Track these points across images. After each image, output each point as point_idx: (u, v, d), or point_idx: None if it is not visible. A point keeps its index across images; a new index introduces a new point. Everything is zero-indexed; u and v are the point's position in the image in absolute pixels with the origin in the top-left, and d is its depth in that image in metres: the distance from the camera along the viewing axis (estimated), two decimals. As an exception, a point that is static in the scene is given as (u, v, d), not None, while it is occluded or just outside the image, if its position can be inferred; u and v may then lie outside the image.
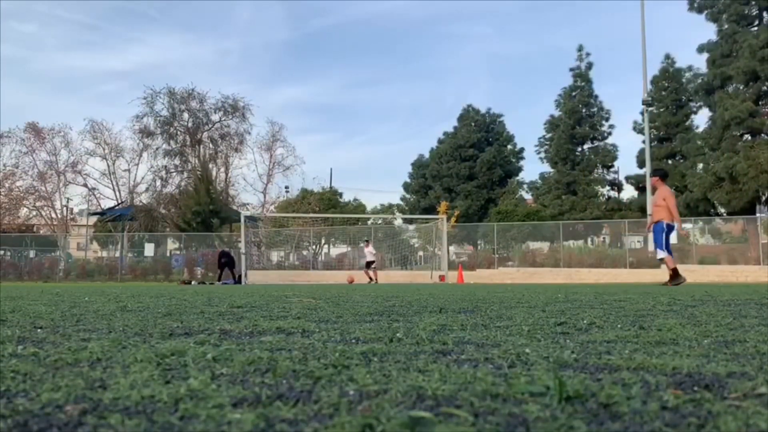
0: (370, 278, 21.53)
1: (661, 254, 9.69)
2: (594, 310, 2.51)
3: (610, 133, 38.28)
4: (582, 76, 38.21)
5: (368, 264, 22.47)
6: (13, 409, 0.65)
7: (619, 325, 1.74)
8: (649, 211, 24.80)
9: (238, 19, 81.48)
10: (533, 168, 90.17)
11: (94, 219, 39.16)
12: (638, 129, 34.03)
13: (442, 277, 20.92)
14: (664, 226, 9.71)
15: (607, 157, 37.63)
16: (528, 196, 42.75)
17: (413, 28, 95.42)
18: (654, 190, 10.13)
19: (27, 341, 1.34)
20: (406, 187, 45.04)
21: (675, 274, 9.43)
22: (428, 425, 0.58)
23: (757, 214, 26.48)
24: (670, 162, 33.95)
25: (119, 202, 36.33)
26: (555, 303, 3.09)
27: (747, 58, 26.97)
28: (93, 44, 77.93)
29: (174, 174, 33.38)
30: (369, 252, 22.96)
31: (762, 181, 25.25)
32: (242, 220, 22.30)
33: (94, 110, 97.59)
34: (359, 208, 43.69)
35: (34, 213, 36.83)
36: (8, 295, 4.51)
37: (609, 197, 37.74)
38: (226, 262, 22.43)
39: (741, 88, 27.99)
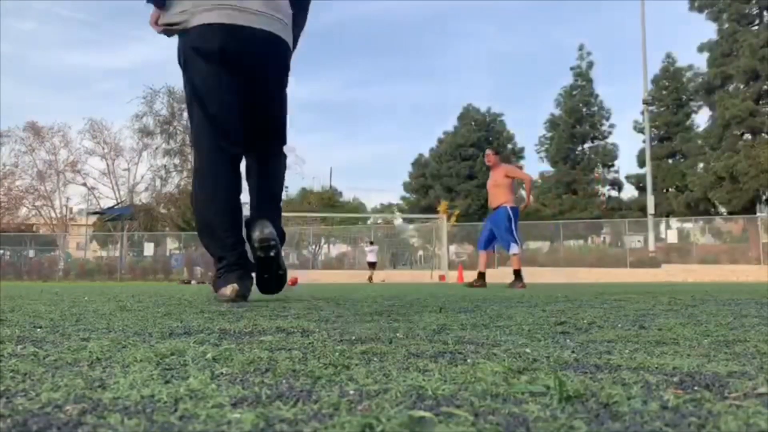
0: (370, 278, 21.64)
1: (515, 249, 8.03)
2: (594, 309, 2.51)
3: (610, 133, 38.37)
4: (582, 75, 38.23)
5: (371, 264, 22.64)
6: (13, 409, 0.65)
7: (619, 325, 1.74)
8: (654, 210, 24.84)
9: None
10: (533, 167, 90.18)
11: (93, 218, 39.20)
12: (639, 128, 34.08)
13: (442, 277, 20.96)
14: (510, 212, 8.00)
15: (608, 157, 37.68)
16: (528, 196, 42.69)
17: (414, 26, 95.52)
18: (492, 167, 8.45)
19: (26, 341, 1.34)
20: (406, 186, 45.07)
21: (519, 275, 7.98)
22: (428, 425, 0.58)
23: (758, 214, 26.48)
24: (670, 161, 33.97)
25: (119, 201, 36.33)
26: (555, 302, 3.09)
27: (747, 57, 26.98)
28: (92, 42, 77.99)
29: (174, 173, 33.40)
30: (371, 252, 23.14)
31: (762, 181, 25.27)
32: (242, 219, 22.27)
33: (93, 109, 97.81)
34: (359, 207, 43.70)
35: (34, 212, 36.85)
36: (7, 294, 4.52)
37: (609, 197, 37.76)
38: None
39: (741, 87, 28.01)
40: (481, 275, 8.29)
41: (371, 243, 24.90)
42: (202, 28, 2.74)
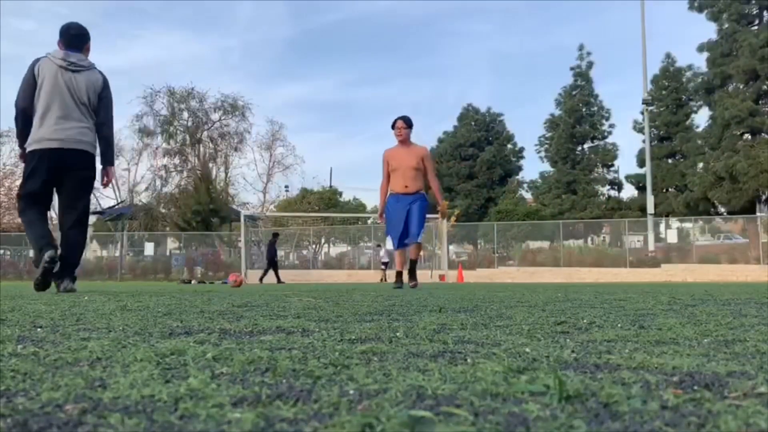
0: (383, 278, 21.74)
1: (420, 239, 6.99)
2: (594, 309, 2.51)
3: (610, 132, 38.31)
4: (582, 75, 38.20)
5: (386, 264, 22.81)
6: (13, 409, 0.65)
7: (619, 325, 1.74)
8: (653, 210, 24.82)
9: (239, 17, 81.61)
10: (533, 167, 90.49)
11: (93, 218, 39.17)
12: (638, 128, 34.05)
13: (442, 277, 20.95)
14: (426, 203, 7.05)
15: (607, 156, 37.64)
16: (528, 196, 42.75)
17: (415, 25, 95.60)
18: (403, 143, 6.96)
19: (27, 340, 1.34)
20: (406, 186, 44.96)
21: (401, 275, 7.15)
22: (428, 424, 0.58)
23: (757, 214, 26.47)
24: (670, 161, 33.96)
25: (119, 201, 36.35)
26: (555, 302, 3.09)
27: (747, 57, 26.97)
28: (92, 42, 77.92)
29: (174, 173, 33.37)
30: (385, 252, 23.34)
31: (762, 181, 25.26)
32: (242, 219, 22.31)
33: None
34: (359, 207, 43.66)
35: (34, 212, 36.79)
36: (8, 294, 4.51)
37: (609, 196, 37.74)
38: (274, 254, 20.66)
39: (741, 87, 28.00)
40: (400, 275, 7.17)
41: (379, 245, 25.10)
42: (35, 150, 4.68)
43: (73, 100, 4.63)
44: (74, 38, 4.87)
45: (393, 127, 7.06)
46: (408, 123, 7.00)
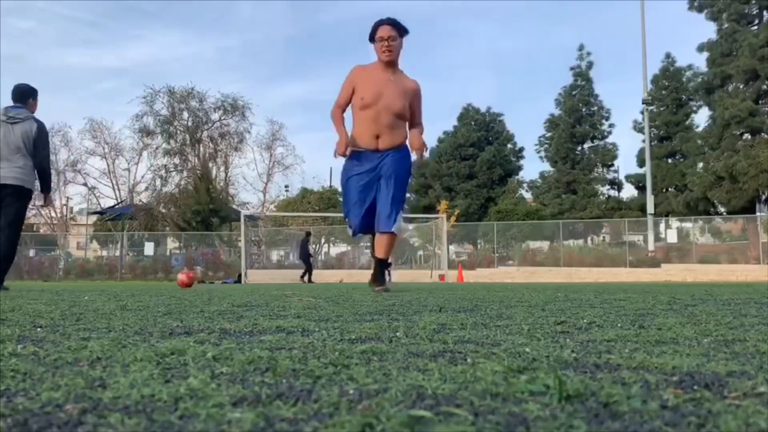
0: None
1: (398, 226, 4.80)
2: (594, 309, 2.51)
3: (610, 132, 38.31)
4: (582, 75, 38.19)
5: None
6: (13, 408, 0.65)
7: (619, 324, 1.74)
8: (653, 210, 24.82)
9: (240, 16, 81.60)
10: (533, 167, 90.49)
11: (93, 218, 39.20)
12: (638, 128, 34.05)
13: (442, 277, 20.93)
14: (411, 164, 4.81)
15: (607, 156, 37.64)
16: (528, 195, 42.71)
17: (414, 26, 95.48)
18: (390, 65, 4.68)
19: (27, 340, 1.34)
20: (405, 186, 44.88)
21: (388, 268, 5.10)
22: (428, 424, 0.58)
23: (757, 213, 26.46)
24: (670, 161, 33.96)
25: (119, 201, 36.36)
26: (555, 302, 3.09)
27: (747, 56, 26.96)
28: (92, 41, 77.98)
29: (174, 173, 33.37)
30: None
31: (762, 180, 25.25)
32: (242, 219, 22.31)
33: (93, 108, 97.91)
34: (359, 207, 43.58)
35: (34, 212, 36.85)
36: (8, 294, 4.51)
37: (609, 196, 37.73)
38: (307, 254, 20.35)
39: (741, 87, 27.98)
40: (381, 271, 4.95)
41: None
42: None
43: (8, 146, 5.81)
44: (20, 95, 5.99)
45: (372, 38, 4.63)
46: (400, 30, 4.56)
